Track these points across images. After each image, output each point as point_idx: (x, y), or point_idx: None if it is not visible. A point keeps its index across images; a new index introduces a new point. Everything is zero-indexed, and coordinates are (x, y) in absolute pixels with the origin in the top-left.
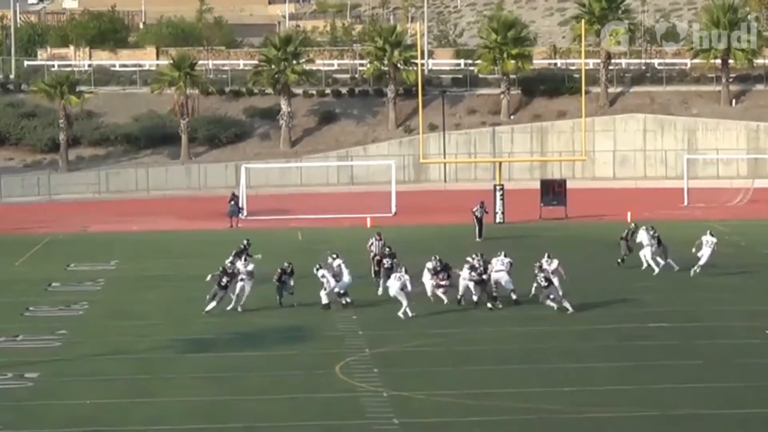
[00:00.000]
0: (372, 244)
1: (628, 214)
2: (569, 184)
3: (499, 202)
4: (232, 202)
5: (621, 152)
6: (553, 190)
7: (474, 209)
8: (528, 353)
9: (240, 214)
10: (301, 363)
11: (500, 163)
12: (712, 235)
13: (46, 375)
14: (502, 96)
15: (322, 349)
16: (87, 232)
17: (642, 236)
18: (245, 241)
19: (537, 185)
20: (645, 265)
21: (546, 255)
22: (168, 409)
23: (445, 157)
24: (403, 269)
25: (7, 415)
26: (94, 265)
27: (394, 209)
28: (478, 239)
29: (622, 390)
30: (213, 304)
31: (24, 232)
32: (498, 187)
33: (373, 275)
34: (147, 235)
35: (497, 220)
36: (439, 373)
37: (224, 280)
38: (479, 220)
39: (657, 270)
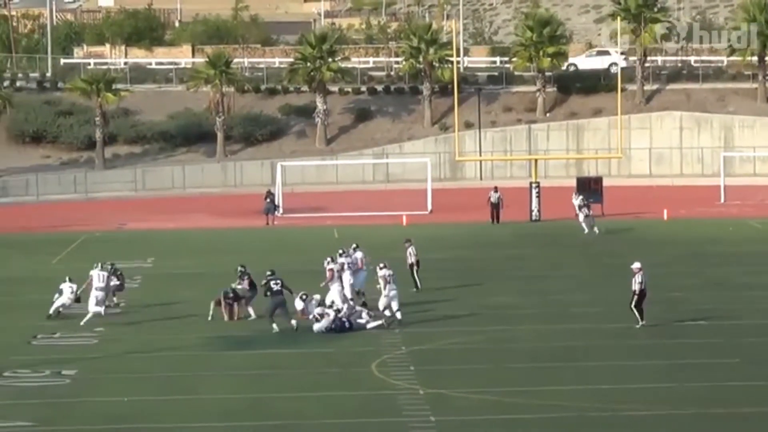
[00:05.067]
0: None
1: (665, 211)
2: (605, 182)
3: (534, 200)
4: (268, 200)
5: (657, 150)
6: (589, 188)
7: (489, 196)
8: (565, 351)
9: (276, 212)
10: (338, 361)
11: (536, 161)
12: None
13: (84, 372)
14: (537, 93)
15: (359, 347)
16: (123, 230)
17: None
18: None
19: (573, 183)
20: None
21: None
22: (205, 407)
23: (480, 155)
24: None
25: (45, 412)
26: (131, 263)
27: (430, 207)
28: (494, 223)
29: (658, 388)
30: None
31: (61, 230)
32: (534, 185)
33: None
34: (183, 233)
35: (533, 217)
36: (476, 370)
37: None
38: (496, 206)
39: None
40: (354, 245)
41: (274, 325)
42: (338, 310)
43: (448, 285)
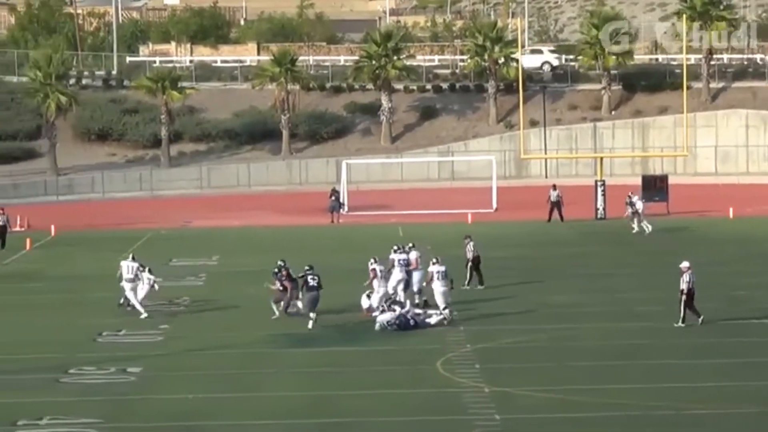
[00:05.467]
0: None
1: (730, 210)
2: (671, 180)
3: (600, 198)
4: (333, 198)
5: (723, 148)
6: (655, 186)
7: (549, 195)
8: (630, 349)
9: (341, 210)
10: (402, 359)
11: (601, 159)
12: None
13: (148, 369)
14: (603, 91)
15: (423, 345)
16: (189, 228)
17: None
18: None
19: (638, 181)
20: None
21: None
22: (269, 404)
23: (546, 153)
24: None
25: (110, 409)
26: (196, 260)
27: (495, 205)
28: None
29: (722, 387)
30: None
31: (126, 227)
32: (599, 183)
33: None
34: (248, 231)
35: (598, 215)
36: (541, 368)
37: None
38: (556, 204)
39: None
40: (410, 245)
41: (310, 322)
42: (403, 305)
43: (513, 283)
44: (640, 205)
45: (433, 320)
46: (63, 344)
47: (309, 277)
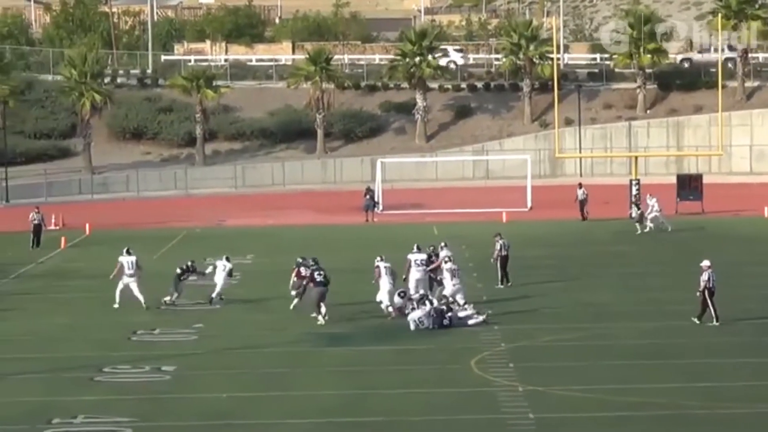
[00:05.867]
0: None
1: (765, 209)
2: (705, 179)
3: (635, 197)
4: (368, 197)
5: (758, 147)
6: (689, 185)
7: (576, 195)
8: (663, 348)
9: (375, 208)
10: (436, 357)
11: (636, 158)
12: None
13: (183, 368)
14: (638, 90)
15: (457, 344)
16: (223, 226)
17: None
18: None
19: (673, 180)
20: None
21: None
22: (303, 404)
23: (580, 152)
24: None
25: (145, 408)
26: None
27: (529, 204)
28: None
29: (758, 386)
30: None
31: (161, 226)
32: (634, 182)
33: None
34: (283, 230)
35: (632, 214)
36: (575, 367)
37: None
38: (582, 202)
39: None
40: (442, 243)
41: (320, 317)
42: (431, 301)
43: (547, 282)
44: (656, 207)
45: (471, 321)
46: (98, 343)
47: (316, 273)
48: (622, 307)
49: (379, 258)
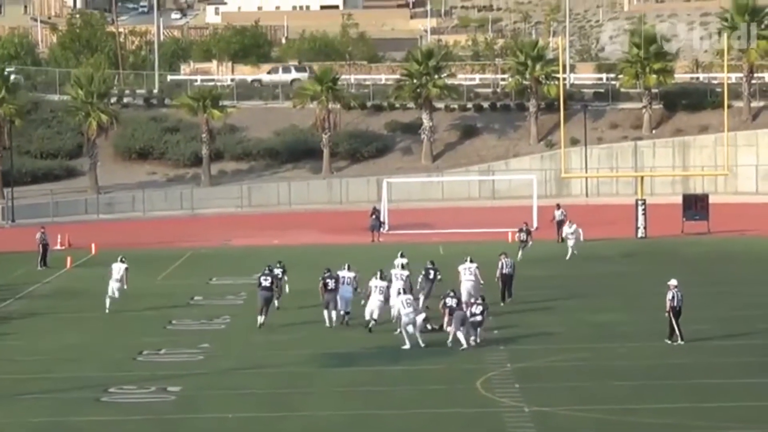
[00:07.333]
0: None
1: None
2: (711, 199)
3: (641, 217)
4: (374, 216)
5: (764, 167)
6: (695, 205)
7: (553, 216)
8: (670, 369)
9: (381, 228)
10: (442, 377)
11: (642, 178)
12: None
13: (189, 388)
14: (644, 110)
15: (463, 364)
16: (229, 246)
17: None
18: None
19: (679, 200)
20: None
21: None
22: (310, 424)
23: (587, 172)
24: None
25: (150, 428)
26: (236, 279)
27: (536, 224)
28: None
29: (763, 407)
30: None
31: (167, 246)
32: (640, 202)
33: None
34: (289, 249)
35: (639, 234)
36: (582, 388)
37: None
38: (560, 224)
39: None
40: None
41: (327, 321)
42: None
43: (554, 301)
44: (572, 229)
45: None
46: (103, 363)
47: (327, 279)
48: (629, 326)
49: (374, 277)
